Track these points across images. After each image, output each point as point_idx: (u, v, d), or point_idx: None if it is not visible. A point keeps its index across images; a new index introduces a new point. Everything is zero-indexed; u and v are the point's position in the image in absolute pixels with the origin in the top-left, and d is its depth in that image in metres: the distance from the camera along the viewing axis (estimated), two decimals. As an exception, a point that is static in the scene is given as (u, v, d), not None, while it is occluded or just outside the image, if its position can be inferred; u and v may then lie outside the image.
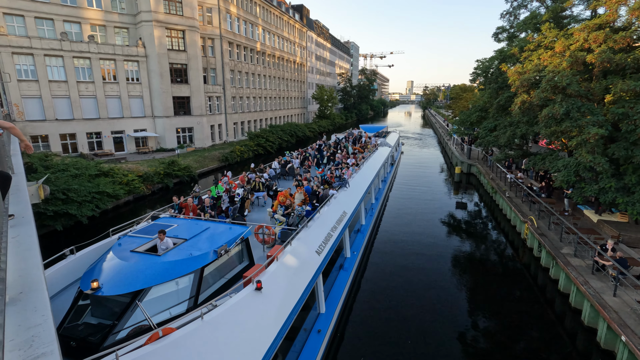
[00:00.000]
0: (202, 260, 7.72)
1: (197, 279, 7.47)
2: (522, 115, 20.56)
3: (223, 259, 8.49)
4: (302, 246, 9.87)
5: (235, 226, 9.64)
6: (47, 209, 17.52)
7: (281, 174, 20.42)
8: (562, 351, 10.49)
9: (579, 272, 12.41)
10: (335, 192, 14.41)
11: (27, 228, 3.91)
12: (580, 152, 14.94)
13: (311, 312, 10.17)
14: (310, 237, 10.56)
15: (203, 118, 39.89)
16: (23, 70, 29.56)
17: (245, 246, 9.56)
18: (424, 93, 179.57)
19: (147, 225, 9.96)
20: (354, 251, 14.42)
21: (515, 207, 19.65)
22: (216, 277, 8.30)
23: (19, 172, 7.08)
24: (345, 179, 16.32)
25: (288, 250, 9.24)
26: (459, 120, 36.15)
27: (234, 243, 8.74)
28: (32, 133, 30.23)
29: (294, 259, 9.16)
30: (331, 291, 11.47)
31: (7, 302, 2.41)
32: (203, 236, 8.85)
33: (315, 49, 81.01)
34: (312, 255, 9.91)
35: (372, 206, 20.31)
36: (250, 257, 9.66)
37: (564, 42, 17.35)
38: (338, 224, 12.54)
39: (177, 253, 7.84)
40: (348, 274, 12.79)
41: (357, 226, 16.87)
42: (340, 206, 13.78)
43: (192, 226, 9.51)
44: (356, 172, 18.86)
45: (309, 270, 9.34)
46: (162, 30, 35.03)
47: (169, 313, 6.93)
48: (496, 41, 30.02)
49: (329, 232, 11.56)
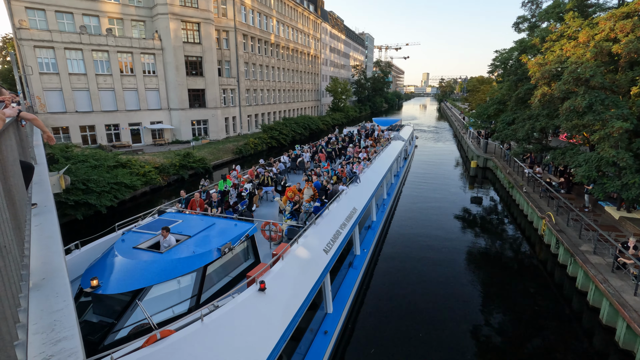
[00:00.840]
0: (204, 258, 7.55)
1: (200, 277, 7.31)
2: (542, 108, 19.97)
3: (227, 257, 8.30)
4: (310, 244, 9.58)
5: (241, 223, 9.44)
6: (68, 198, 18.08)
7: (291, 168, 20.15)
8: (578, 349, 10.29)
9: (598, 269, 12.08)
10: (345, 188, 14.06)
11: (49, 216, 4.03)
12: (602, 147, 14.43)
13: (318, 312, 9.90)
14: (318, 235, 10.23)
15: (217, 110, 40.23)
16: (44, 63, 30.35)
17: (250, 243, 9.34)
18: (440, 85, 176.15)
19: (152, 220, 9.87)
20: (364, 248, 14.03)
21: (532, 202, 19.20)
22: (220, 275, 8.13)
23: (41, 163, 7.29)
24: (356, 174, 15.94)
25: (294, 249, 8.96)
26: (475, 113, 35.41)
27: (239, 241, 8.56)
28: (54, 125, 31.11)
29: (301, 258, 8.89)
30: (339, 290, 11.15)
31: (31, 288, 2.50)
32: (207, 233, 8.66)
33: (330, 40, 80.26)
34: (320, 254, 9.62)
35: (383, 202, 19.86)
36: (256, 254, 9.45)
37: (588, 31, 16.68)
38: (348, 220, 12.20)
39: (179, 250, 7.67)
40: (357, 272, 12.46)
41: (367, 222, 16.47)
42: (350, 202, 13.40)
43: (197, 222, 9.34)
44: (368, 166, 18.49)
45: (316, 269, 9.06)
46: (178, 23, 35.29)
47: (170, 312, 6.81)
48: (516, 31, 29.12)
49: (337, 229, 11.26)
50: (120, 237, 8.47)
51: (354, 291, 11.72)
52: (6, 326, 1.62)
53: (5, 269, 1.80)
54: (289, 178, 18.60)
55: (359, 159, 20.22)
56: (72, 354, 1.90)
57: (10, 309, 1.77)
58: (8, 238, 2.04)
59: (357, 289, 12.29)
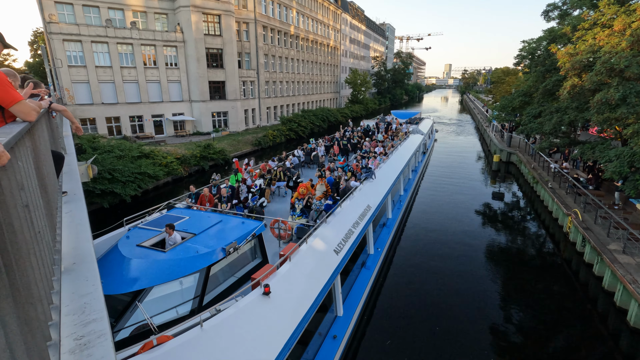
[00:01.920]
0: (208, 258, 7.28)
1: (203, 278, 7.07)
2: (571, 101, 19.14)
3: (232, 257, 8.02)
4: (319, 245, 9.14)
5: (249, 221, 9.12)
6: (96, 187, 18.80)
7: (305, 162, 19.70)
8: (603, 351, 9.96)
9: (627, 269, 11.60)
10: (359, 184, 13.59)
11: (78, 204, 4.20)
12: (636, 141, 13.71)
13: (327, 314, 9.40)
14: (329, 235, 9.80)
15: (237, 102, 40.61)
16: (73, 57, 31.39)
17: (258, 242, 9.01)
18: (463, 77, 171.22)
19: (159, 216, 9.69)
20: (378, 248, 13.44)
21: (558, 198, 18.54)
22: (225, 275, 7.89)
23: (70, 153, 7.57)
24: (371, 170, 15.36)
25: (303, 249, 8.53)
26: (499, 105, 34.27)
27: (245, 240, 8.21)
28: (82, 116, 32.26)
29: (309, 259, 8.45)
30: (351, 291, 10.65)
31: (63, 272, 2.63)
32: (213, 231, 8.38)
33: (350, 31, 79.21)
34: (330, 255, 9.19)
35: (400, 198, 19.10)
36: (264, 254, 9.12)
37: (624, 19, 15.76)
38: (361, 219, 11.68)
39: (183, 250, 7.43)
40: (370, 273, 11.92)
41: (383, 220, 15.78)
42: (364, 199, 12.89)
43: (204, 219, 9.08)
44: (384, 161, 17.87)
45: (326, 271, 8.61)
46: (199, 15, 35.64)
47: (173, 313, 6.65)
48: (545, 20, 27.80)
49: (350, 228, 10.77)
50: (125, 234, 8.34)
51: (366, 292, 11.25)
52: (41, 307, 1.71)
53: (40, 253, 1.90)
54: (303, 172, 18.22)
55: (375, 153, 19.65)
56: (101, 335, 1.99)
57: (44, 291, 1.86)
58: (42, 224, 2.14)
59: (369, 290, 11.78)
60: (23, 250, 1.55)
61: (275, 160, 17.65)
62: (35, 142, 2.63)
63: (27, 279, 1.54)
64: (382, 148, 21.10)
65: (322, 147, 21.84)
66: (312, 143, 22.26)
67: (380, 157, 18.27)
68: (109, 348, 1.91)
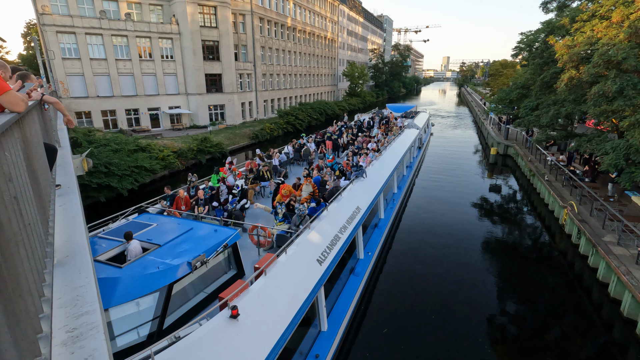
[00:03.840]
0: (170, 275, 6.46)
1: (164, 298, 6.30)
2: (569, 93, 19.12)
3: (201, 271, 7.22)
4: (300, 254, 8.32)
5: (222, 229, 8.29)
6: (91, 181, 18.71)
7: (294, 158, 18.72)
8: (597, 341, 10.11)
9: (621, 261, 11.71)
10: (347, 184, 12.73)
11: (72, 197, 4.17)
12: (632, 134, 13.74)
13: (310, 329, 8.37)
14: (312, 242, 8.99)
15: (234, 95, 40.34)
16: (67, 49, 30.99)
17: (232, 252, 8.17)
18: (461, 70, 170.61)
19: (125, 222, 8.72)
20: (368, 252, 12.52)
21: (554, 191, 18.63)
22: (192, 292, 7.12)
23: (64, 146, 7.51)
24: (362, 168, 14.41)
25: (281, 261, 7.73)
26: (497, 98, 34.25)
27: (214, 252, 7.35)
28: (77, 109, 31.98)
29: (288, 272, 7.64)
30: (337, 302, 9.69)
31: (55, 264, 2.61)
32: (180, 241, 7.54)
33: (347, 23, 78.53)
34: (312, 265, 8.37)
35: (393, 197, 18.08)
36: (239, 265, 8.27)
37: (623, 10, 15.68)
38: (349, 222, 10.84)
39: (142, 265, 6.58)
40: (360, 279, 11.01)
41: (374, 221, 14.78)
42: (353, 201, 12.03)
43: (173, 227, 8.22)
44: (376, 158, 16.99)
45: (307, 285, 7.78)
46: (195, 7, 35.20)
47: (128, 338, 5.97)
48: (544, 11, 27.74)
49: (336, 233, 9.93)
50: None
51: (354, 302, 10.30)
52: (31, 299, 1.70)
53: (30, 245, 1.88)
54: (292, 170, 17.39)
55: (368, 149, 18.80)
56: (94, 327, 1.99)
57: (35, 283, 1.85)
58: (32, 216, 2.12)
59: (358, 300, 10.85)
60: (11, 242, 1.53)
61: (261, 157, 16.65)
62: (25, 133, 2.59)
63: (15, 271, 1.52)
64: (374, 144, 20.23)
65: (312, 143, 20.78)
66: (302, 138, 21.42)
67: (372, 154, 17.46)
68: (101, 340, 1.91)
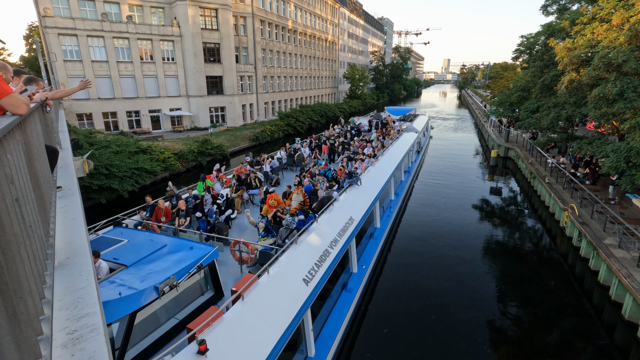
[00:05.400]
0: (134, 302, 5.76)
1: (125, 328, 5.65)
2: (569, 96, 19.14)
3: (171, 295, 6.45)
4: (284, 274, 7.52)
5: (199, 246, 7.50)
6: (92, 182, 18.73)
7: (287, 164, 17.96)
8: (598, 344, 10.07)
9: (622, 264, 11.68)
10: (337, 194, 11.79)
11: (73, 199, 4.18)
12: (633, 136, 13.76)
13: (296, 355, 7.70)
14: (299, 259, 8.17)
15: (235, 97, 40.42)
16: (68, 51, 31.11)
17: (209, 272, 7.39)
18: (461, 72, 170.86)
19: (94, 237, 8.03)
20: (362, 265, 11.63)
21: (555, 193, 18.61)
22: (160, 319, 6.40)
23: (66, 148, 7.51)
24: (356, 176, 13.65)
25: (262, 282, 6.95)
26: (497, 100, 34.28)
27: (187, 274, 6.54)
28: (78, 111, 32.07)
29: (270, 295, 6.86)
30: (327, 322, 8.80)
31: (56, 266, 2.62)
32: (150, 261, 6.79)
33: (348, 26, 78.76)
34: (298, 286, 7.56)
35: (390, 204, 17.19)
36: (217, 286, 7.49)
37: (623, 13, 15.72)
38: (341, 235, 10.04)
39: (104, 290, 5.86)
40: (352, 296, 10.11)
41: (369, 230, 13.89)
42: (346, 211, 11.24)
43: (145, 244, 7.46)
44: (372, 164, 16.22)
45: (291, 308, 6.99)
46: (196, 9, 35.34)
47: None
48: (544, 14, 27.72)
49: (326, 248, 9.12)
50: None
51: (346, 322, 9.39)
52: (32, 301, 1.70)
53: (31, 247, 1.88)
54: (284, 176, 16.67)
55: (364, 155, 17.98)
56: (94, 329, 1.99)
57: (36, 285, 1.85)
58: (33, 218, 2.12)
59: (350, 319, 9.99)
60: (12, 243, 1.54)
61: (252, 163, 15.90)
62: (27, 136, 2.60)
63: (16, 273, 1.52)
64: (371, 149, 19.39)
65: (306, 147, 19.82)
66: (297, 143, 20.69)
67: (368, 160, 16.73)
68: (101, 342, 1.91)
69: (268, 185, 14.62)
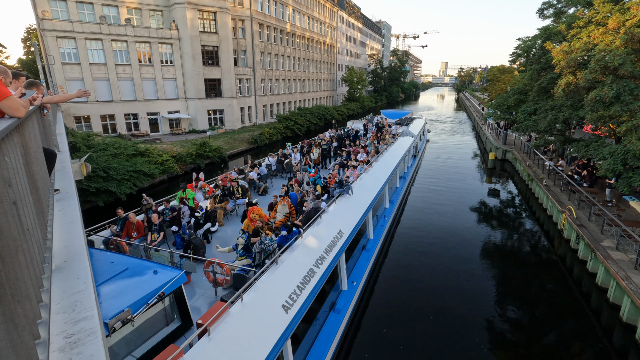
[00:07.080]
0: None
1: None
2: (566, 99, 19.25)
3: (126, 330, 5.63)
4: (261, 301, 6.62)
5: (164, 270, 6.59)
6: (90, 185, 18.67)
7: (277, 170, 17.24)
8: (596, 346, 10.07)
9: (620, 266, 11.71)
10: (326, 205, 10.87)
11: (71, 202, 4.16)
12: (629, 139, 13.83)
13: None
14: (278, 283, 7.20)
15: (233, 100, 40.45)
16: (66, 54, 31.07)
17: (174, 299, 6.53)
18: (459, 75, 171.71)
19: None
20: (353, 281, 10.69)
21: (552, 196, 18.68)
22: (114, 358, 5.64)
23: (63, 150, 7.49)
24: (347, 184, 12.76)
25: (234, 312, 6.04)
26: (495, 103, 34.44)
27: (145, 306, 5.70)
28: (76, 114, 31.99)
29: (243, 326, 5.96)
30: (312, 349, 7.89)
31: (53, 270, 2.61)
32: (106, 289, 5.92)
33: (346, 29, 79.07)
34: (276, 314, 6.66)
35: (384, 212, 16.24)
36: (184, 315, 6.67)
37: (619, 17, 15.85)
38: (328, 252, 9.04)
39: None
40: (341, 318, 9.14)
41: (361, 243, 12.94)
42: (335, 224, 10.28)
43: (101, 268, 6.53)
44: (365, 171, 15.43)
45: (267, 340, 6.10)
46: (195, 12, 35.41)
47: None
48: (541, 18, 28.00)
49: (311, 267, 8.14)
50: None
51: (333, 346, 8.52)
52: (30, 305, 1.70)
53: (29, 250, 1.88)
54: (273, 184, 16.02)
55: (357, 161, 17.23)
56: (92, 333, 1.98)
57: (33, 288, 1.84)
58: (31, 221, 2.12)
59: (339, 343, 9.08)
60: (10, 247, 1.53)
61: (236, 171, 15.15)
62: (24, 138, 2.60)
63: (14, 276, 1.52)
64: (364, 155, 18.50)
65: (297, 153, 18.90)
66: (287, 148, 19.90)
67: (361, 167, 15.83)
68: (99, 346, 1.90)
69: (255, 194, 13.84)
